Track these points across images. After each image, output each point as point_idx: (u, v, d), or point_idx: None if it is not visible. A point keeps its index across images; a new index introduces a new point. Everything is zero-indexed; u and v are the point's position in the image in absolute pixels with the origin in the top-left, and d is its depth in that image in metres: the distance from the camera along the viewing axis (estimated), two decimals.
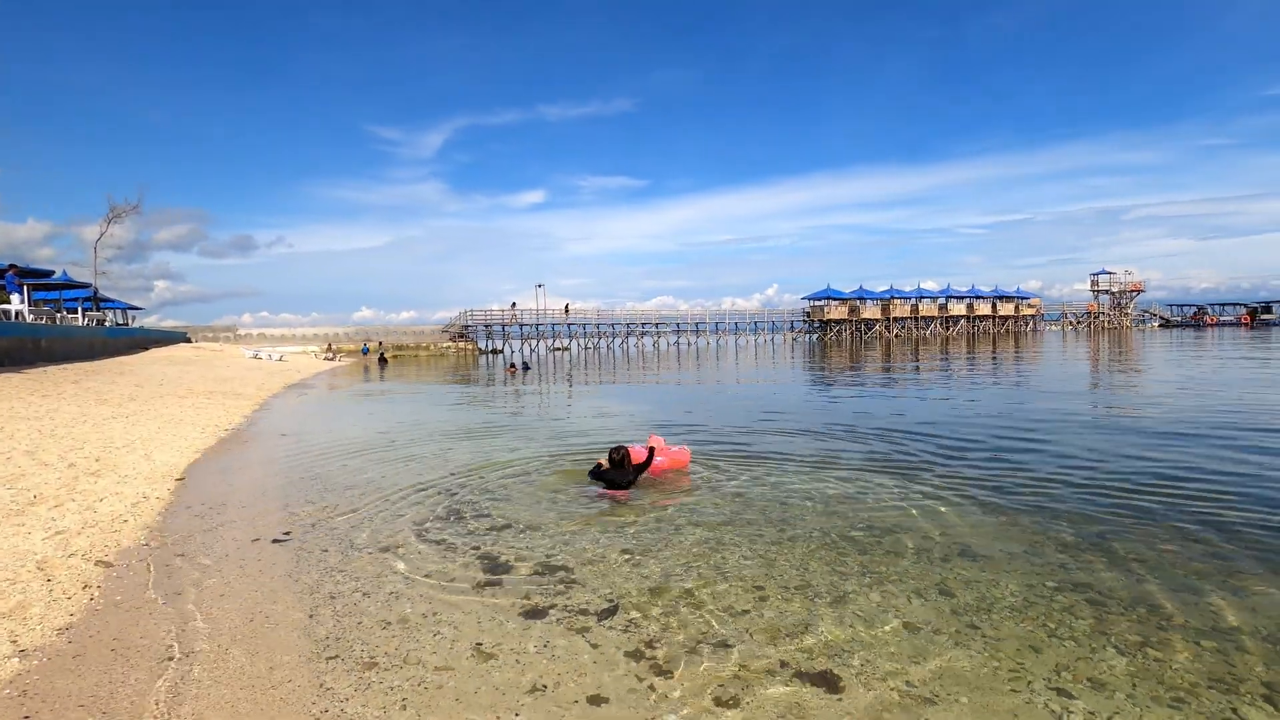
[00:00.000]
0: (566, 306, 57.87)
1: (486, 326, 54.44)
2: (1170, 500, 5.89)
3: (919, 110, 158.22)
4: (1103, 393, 15.81)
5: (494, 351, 52.63)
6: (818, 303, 69.30)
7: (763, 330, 67.73)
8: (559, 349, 55.21)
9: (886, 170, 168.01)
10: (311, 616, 3.70)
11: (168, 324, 55.14)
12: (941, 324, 71.53)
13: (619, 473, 6.49)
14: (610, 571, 4.39)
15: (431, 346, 51.53)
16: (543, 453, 8.73)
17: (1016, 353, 33.26)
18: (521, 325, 54.87)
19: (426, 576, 4.30)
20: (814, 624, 3.63)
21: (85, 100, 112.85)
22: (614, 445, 6.79)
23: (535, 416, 13.58)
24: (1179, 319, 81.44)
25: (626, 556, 4.68)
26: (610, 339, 59.37)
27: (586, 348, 56.75)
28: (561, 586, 4.13)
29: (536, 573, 4.37)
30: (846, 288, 69.40)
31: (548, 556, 4.67)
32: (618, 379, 24.37)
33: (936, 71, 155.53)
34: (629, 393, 18.99)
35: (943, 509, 5.86)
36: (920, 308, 70.78)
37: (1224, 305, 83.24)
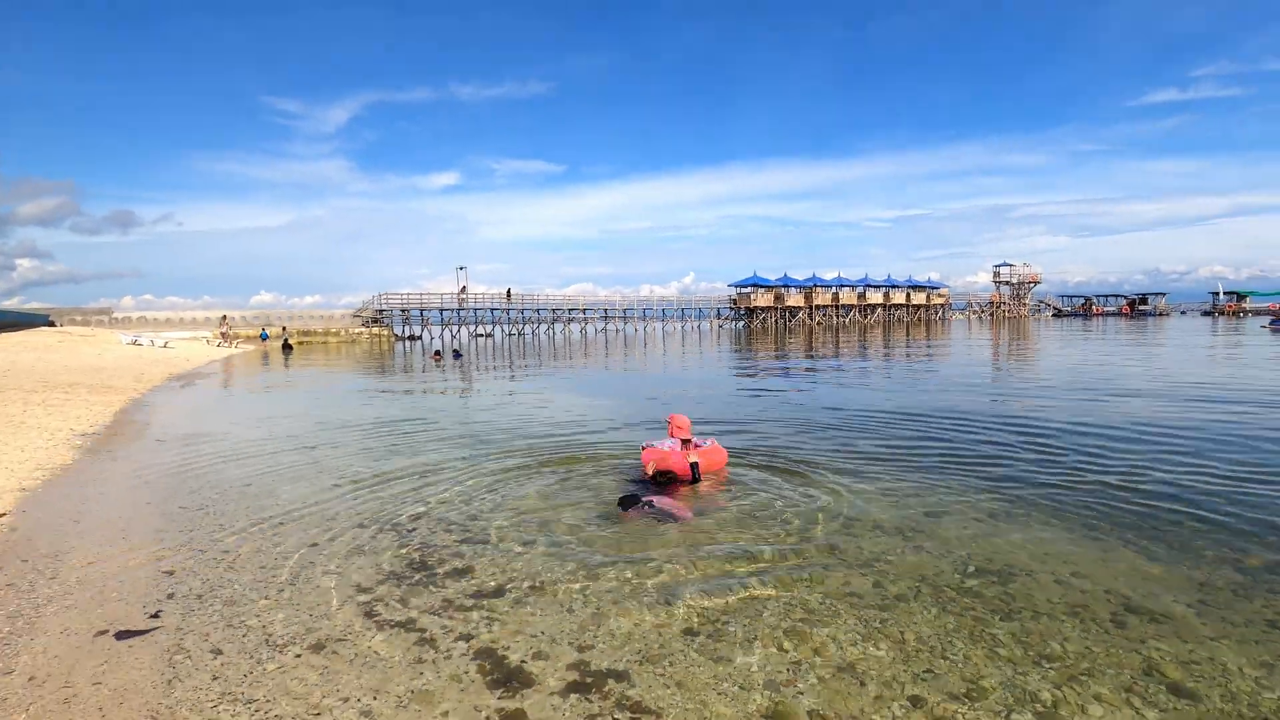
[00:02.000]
0: (509, 291, 55.67)
1: (403, 311, 50.93)
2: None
3: (827, 107, 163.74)
4: (1093, 376, 15.50)
5: (411, 338, 49.30)
6: (744, 290, 69.44)
7: (690, 317, 67.18)
8: (482, 335, 52.46)
9: (797, 164, 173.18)
10: None
11: (32, 307, 48.33)
12: (860, 312, 73.52)
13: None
14: (687, 677, 2.88)
15: (342, 332, 47.62)
16: (506, 458, 7.05)
17: (942, 339, 33.83)
18: (442, 310, 51.70)
19: (399, 708, 2.64)
20: None
21: None
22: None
23: (479, 411, 11.73)
24: (1069, 309, 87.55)
25: (694, 643, 3.18)
26: (535, 325, 57.06)
27: (511, 334, 54.27)
28: (628, 717, 2.58)
29: (576, 686, 2.80)
30: (770, 275, 69.91)
31: (581, 649, 3.10)
32: (556, 367, 22.59)
33: (843, 71, 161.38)
34: (577, 382, 17.32)
35: (1038, 530, 4.72)
36: (841, 296, 72.36)
37: (1106, 297, 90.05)
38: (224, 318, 43.15)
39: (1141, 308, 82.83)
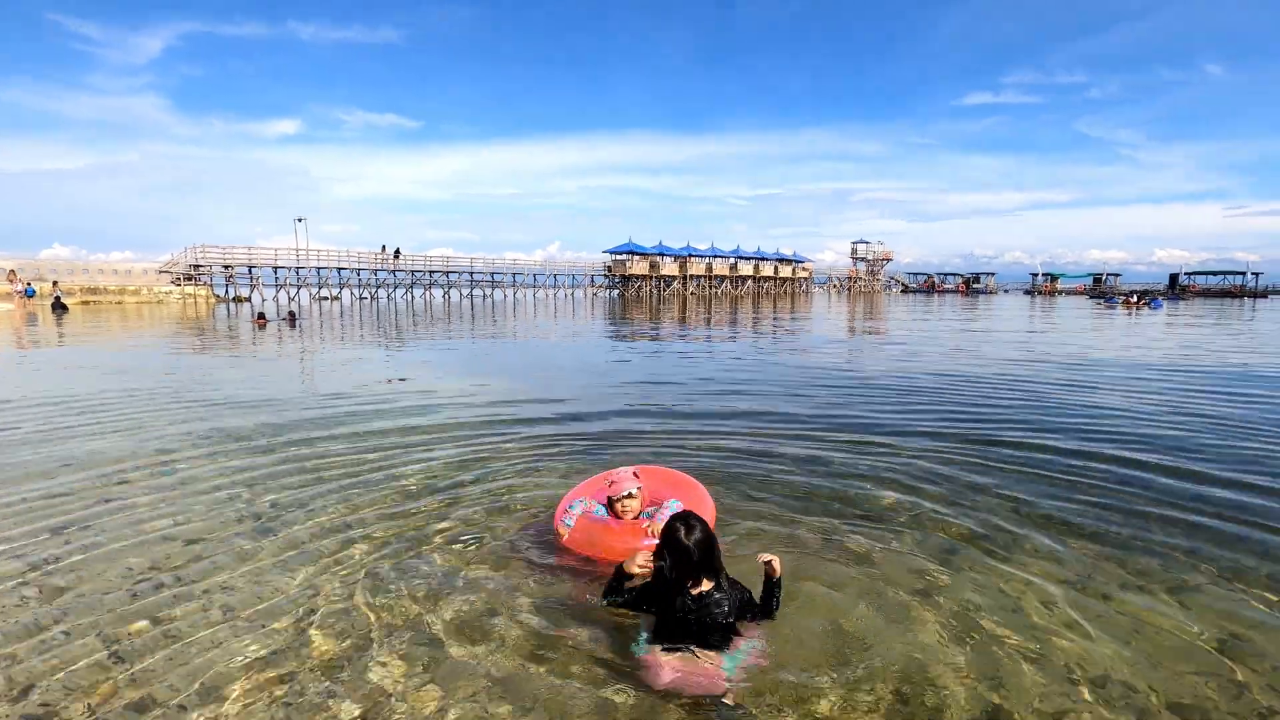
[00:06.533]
0: (397, 251, 51.46)
1: (226, 268, 43.15)
2: None
3: (693, 83, 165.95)
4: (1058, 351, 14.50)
5: (237, 299, 41.96)
6: (619, 257, 67.12)
7: (563, 284, 63.88)
8: (327, 299, 45.98)
9: (661, 137, 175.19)
10: None
11: None
12: (731, 283, 73.96)
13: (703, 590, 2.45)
14: None
15: (144, 291, 39.32)
16: (330, 512, 4.00)
17: (834, 311, 33.52)
18: (276, 268, 44.60)
19: None
20: None
21: None
22: (677, 514, 2.54)
23: (303, 399, 8.25)
24: (915, 286, 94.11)
25: None
26: (392, 289, 51.17)
27: (363, 298, 48.10)
28: None
29: None
30: (645, 244, 68.13)
31: None
32: (419, 337, 18.85)
33: (709, 48, 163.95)
34: (447, 355, 13.92)
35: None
36: (714, 267, 72.22)
37: (944, 275, 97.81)
38: (12, 272, 33.86)
39: (975, 286, 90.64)
